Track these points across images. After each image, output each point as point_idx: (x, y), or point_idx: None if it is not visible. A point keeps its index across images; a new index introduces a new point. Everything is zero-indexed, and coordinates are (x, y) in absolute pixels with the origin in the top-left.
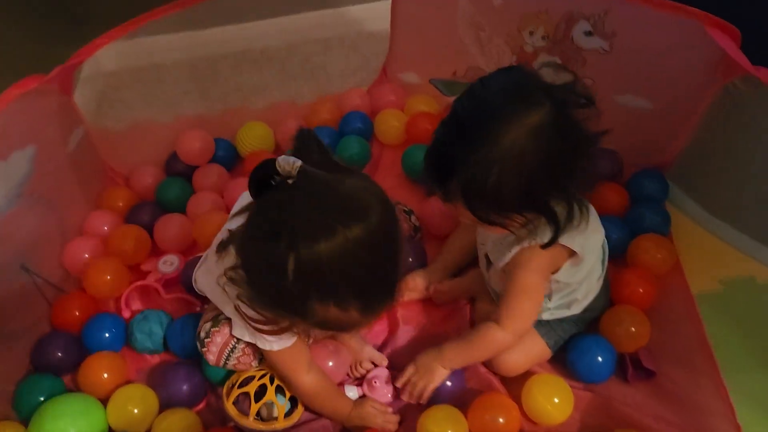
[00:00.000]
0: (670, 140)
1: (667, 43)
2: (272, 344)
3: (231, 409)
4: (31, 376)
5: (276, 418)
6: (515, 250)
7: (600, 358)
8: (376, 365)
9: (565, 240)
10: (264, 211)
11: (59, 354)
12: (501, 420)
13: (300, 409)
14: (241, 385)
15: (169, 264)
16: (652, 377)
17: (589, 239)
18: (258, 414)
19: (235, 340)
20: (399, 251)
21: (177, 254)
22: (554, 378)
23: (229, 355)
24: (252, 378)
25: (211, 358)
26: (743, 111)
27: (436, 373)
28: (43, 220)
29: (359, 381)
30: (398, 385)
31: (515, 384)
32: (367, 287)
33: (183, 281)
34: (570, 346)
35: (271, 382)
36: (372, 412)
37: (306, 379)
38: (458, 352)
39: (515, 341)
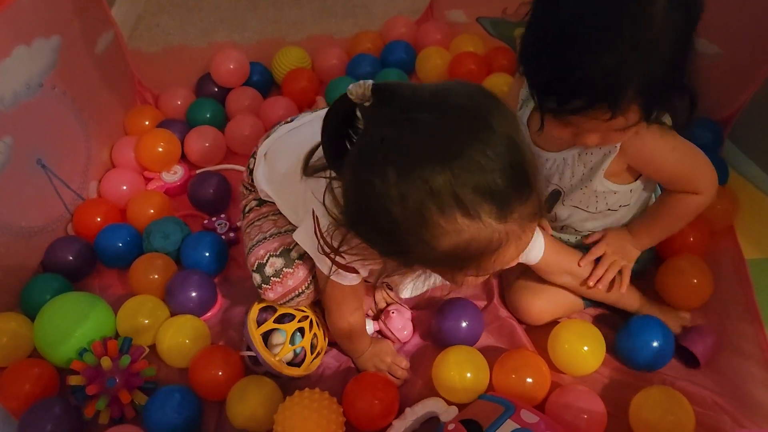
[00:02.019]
0: (737, 92)
1: None
2: (341, 278)
3: (258, 340)
4: (40, 275)
5: (299, 365)
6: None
7: (656, 343)
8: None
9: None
10: (366, 142)
11: (70, 258)
12: (529, 380)
13: (320, 359)
14: (277, 321)
15: (172, 173)
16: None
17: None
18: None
19: (306, 284)
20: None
21: (183, 165)
22: (584, 323)
23: (293, 298)
24: (292, 317)
25: (272, 296)
26: None
27: (630, 254)
28: (65, 118)
29: (376, 315)
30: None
31: (538, 333)
32: (499, 189)
33: (191, 196)
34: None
35: (310, 327)
36: (386, 349)
37: (350, 319)
38: (651, 226)
39: (713, 198)
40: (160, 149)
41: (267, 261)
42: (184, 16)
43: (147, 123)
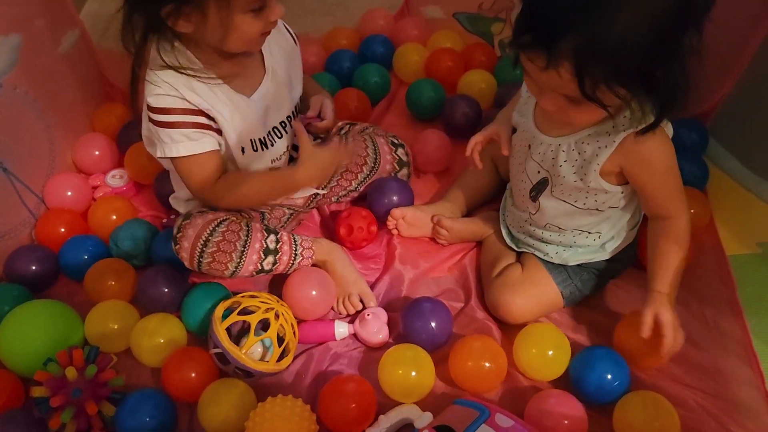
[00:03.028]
0: (713, 85)
1: None
2: (195, 145)
3: (222, 334)
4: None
5: (267, 361)
6: (619, 138)
7: (610, 376)
8: (365, 305)
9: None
10: None
11: (33, 267)
12: (486, 365)
13: (290, 357)
14: (241, 313)
15: (118, 177)
16: None
17: (669, 128)
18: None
19: (209, 231)
20: None
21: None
22: (551, 328)
23: (202, 251)
24: (255, 309)
25: (185, 255)
26: None
27: (672, 314)
28: (28, 120)
29: (351, 318)
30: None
31: (515, 333)
32: None
33: (157, 192)
34: (576, 358)
35: (276, 318)
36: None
37: (217, 189)
38: (674, 277)
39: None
40: (97, 153)
41: (175, 226)
42: None
43: (115, 121)
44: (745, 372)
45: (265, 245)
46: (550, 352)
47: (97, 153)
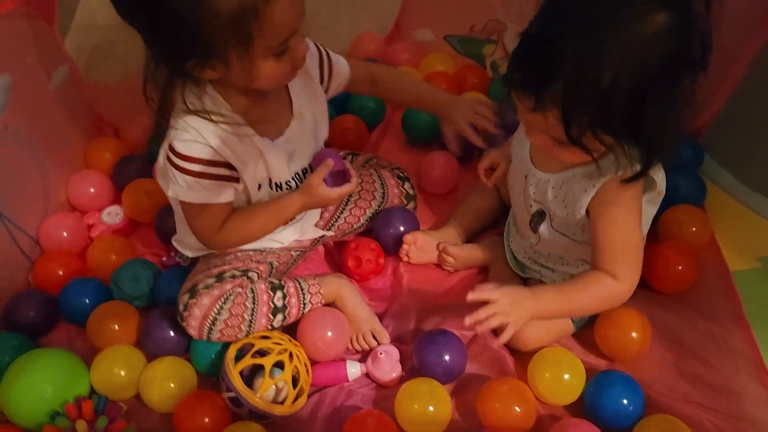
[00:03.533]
0: (707, 100)
1: None
2: (193, 194)
3: (237, 378)
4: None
5: (282, 402)
6: (603, 180)
7: (625, 401)
8: (378, 342)
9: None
10: None
11: (32, 314)
12: (517, 409)
13: (305, 397)
14: (255, 355)
15: (114, 215)
16: None
17: (660, 173)
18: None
19: (216, 310)
20: None
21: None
22: (564, 352)
23: (211, 328)
24: (269, 350)
25: (193, 332)
26: None
27: (522, 313)
28: (21, 159)
29: (363, 358)
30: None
31: (528, 359)
32: None
33: (158, 230)
34: (590, 383)
35: (290, 359)
36: (331, 193)
37: (220, 236)
38: (559, 298)
39: (631, 292)
40: (92, 190)
41: (179, 301)
42: (140, 43)
43: (108, 156)
44: (758, 389)
45: (272, 306)
46: (566, 376)
47: (92, 190)
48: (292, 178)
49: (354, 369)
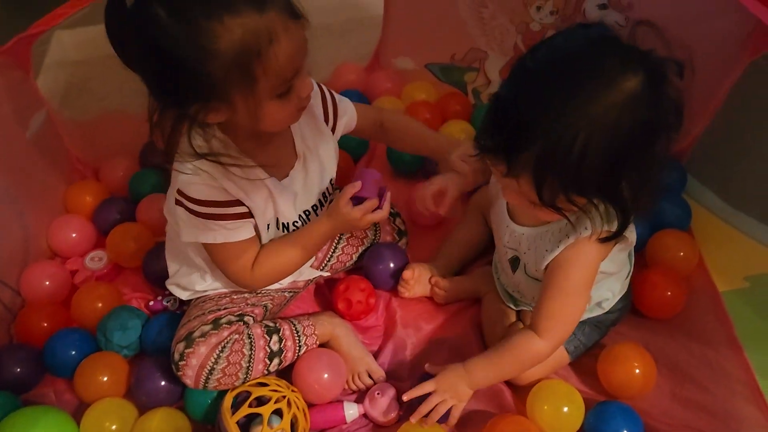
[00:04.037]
0: (689, 124)
1: (689, 14)
2: (215, 235)
3: (234, 429)
4: None
5: None
6: (569, 241)
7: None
8: (374, 380)
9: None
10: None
11: (17, 370)
12: None
13: None
14: (253, 403)
15: (97, 260)
16: None
17: (631, 228)
18: None
19: (213, 359)
20: None
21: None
22: (562, 384)
23: (208, 378)
24: (267, 399)
25: (189, 382)
26: None
27: (462, 394)
28: (0, 208)
29: (359, 397)
30: (406, 398)
31: (527, 393)
32: None
33: (147, 271)
34: (590, 414)
35: (289, 407)
36: (353, 212)
37: (256, 274)
38: (488, 368)
39: (552, 352)
40: (74, 235)
41: (175, 350)
42: (116, 79)
43: (89, 199)
44: (754, 413)
45: (269, 350)
46: (565, 409)
47: (74, 235)
48: (299, 218)
49: (352, 410)
